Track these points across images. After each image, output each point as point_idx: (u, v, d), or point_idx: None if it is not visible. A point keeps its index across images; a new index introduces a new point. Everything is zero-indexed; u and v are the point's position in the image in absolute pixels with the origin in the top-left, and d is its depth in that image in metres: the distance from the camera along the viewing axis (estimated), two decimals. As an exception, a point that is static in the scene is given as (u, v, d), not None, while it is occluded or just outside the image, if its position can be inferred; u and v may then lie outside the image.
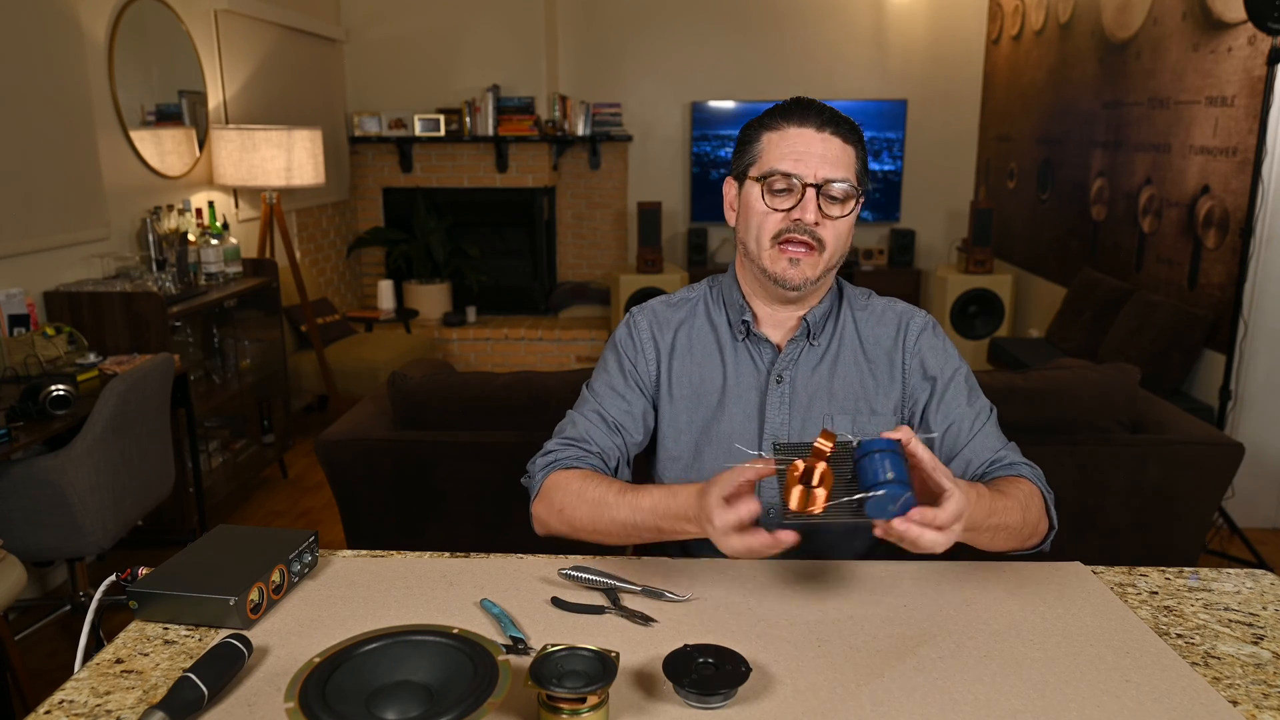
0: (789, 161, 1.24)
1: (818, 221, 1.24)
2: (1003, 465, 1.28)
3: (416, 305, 5.78)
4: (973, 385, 1.35)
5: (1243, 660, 0.99)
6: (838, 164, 1.25)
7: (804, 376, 1.33)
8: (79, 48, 3.16)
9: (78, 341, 2.82)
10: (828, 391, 1.33)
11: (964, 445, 1.30)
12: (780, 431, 1.32)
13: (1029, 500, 1.20)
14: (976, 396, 1.34)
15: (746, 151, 1.30)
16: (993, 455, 1.29)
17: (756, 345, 1.35)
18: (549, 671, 0.85)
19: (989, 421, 1.32)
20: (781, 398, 1.32)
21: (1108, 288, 4.17)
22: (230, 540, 1.16)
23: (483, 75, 5.68)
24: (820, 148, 1.24)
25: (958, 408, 1.31)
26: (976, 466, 1.28)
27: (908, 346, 1.35)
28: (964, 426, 1.30)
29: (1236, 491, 3.11)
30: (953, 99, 6.10)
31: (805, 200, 1.24)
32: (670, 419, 1.37)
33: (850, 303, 1.38)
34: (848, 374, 1.34)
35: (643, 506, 1.17)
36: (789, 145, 1.25)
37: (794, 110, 1.27)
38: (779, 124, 1.27)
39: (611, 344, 1.42)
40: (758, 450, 1.32)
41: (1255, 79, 3.25)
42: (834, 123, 1.26)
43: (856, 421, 1.32)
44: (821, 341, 1.34)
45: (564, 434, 1.35)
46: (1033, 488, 1.24)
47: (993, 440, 1.30)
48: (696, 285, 1.45)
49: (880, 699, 0.91)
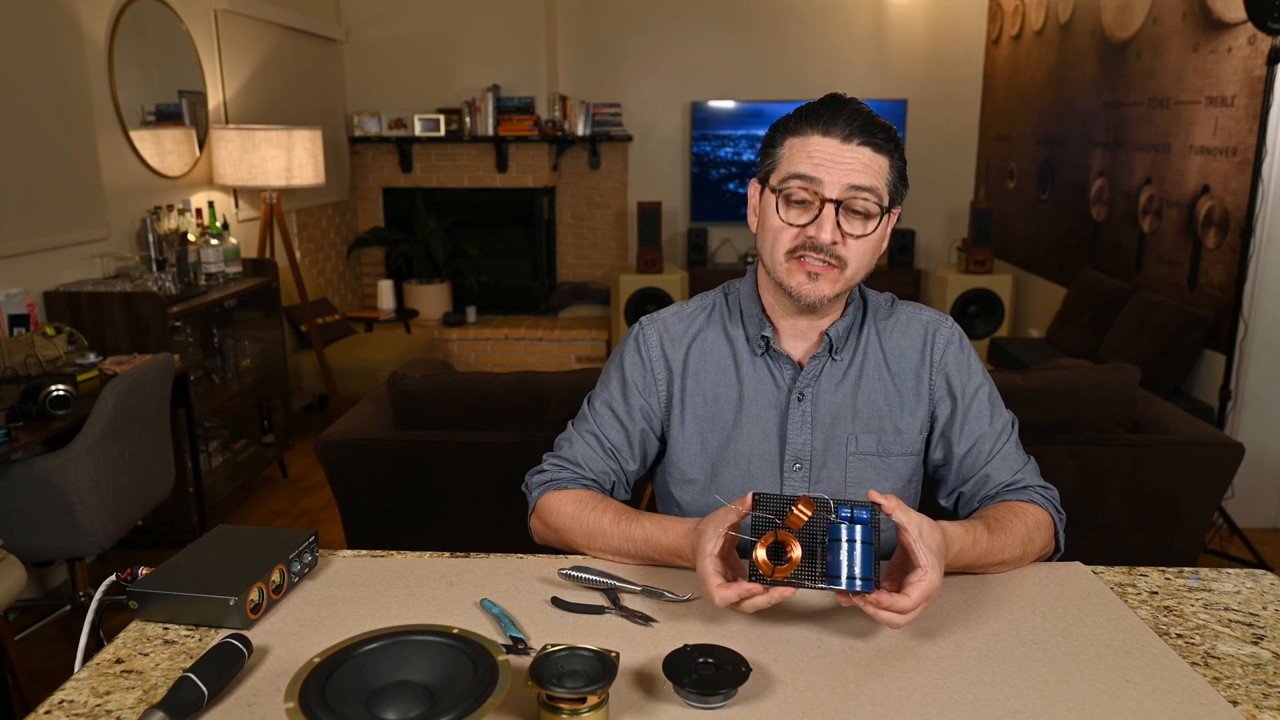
0: (808, 167, 1.15)
1: (835, 241, 1.15)
2: (1018, 489, 1.25)
3: (416, 305, 5.78)
4: (995, 400, 1.30)
5: (1243, 660, 0.99)
6: (865, 174, 1.14)
7: (826, 394, 1.26)
8: (79, 48, 3.16)
9: (78, 341, 2.82)
10: (851, 409, 1.26)
11: (983, 465, 1.27)
12: (803, 452, 1.26)
13: (1034, 533, 1.19)
14: (999, 413, 1.29)
15: (769, 155, 1.21)
16: (1010, 478, 1.26)
17: (776, 361, 1.27)
18: (549, 671, 0.85)
19: (1009, 440, 1.28)
20: (804, 416, 1.26)
21: (1108, 288, 4.17)
22: (230, 540, 1.16)
23: (483, 75, 5.68)
24: (845, 156, 1.14)
25: (980, 427, 1.27)
26: (993, 487, 1.26)
27: (934, 362, 1.29)
28: (984, 448, 1.27)
29: (1236, 491, 3.11)
30: (953, 99, 6.10)
31: (822, 217, 1.14)
32: (682, 442, 1.31)
33: (874, 313, 1.30)
34: (872, 390, 1.27)
35: (635, 538, 1.17)
36: (810, 153, 1.15)
37: (822, 115, 1.16)
38: (804, 129, 1.16)
39: (617, 357, 1.34)
40: (778, 472, 1.28)
41: (1255, 79, 3.25)
42: (865, 132, 1.14)
43: (881, 440, 1.27)
44: (844, 356, 1.27)
45: (560, 453, 1.32)
46: (1042, 516, 1.21)
47: (1012, 461, 1.27)
48: (709, 294, 1.36)
49: (880, 699, 0.91)
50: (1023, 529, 1.17)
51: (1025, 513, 1.20)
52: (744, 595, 0.98)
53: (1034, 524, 1.19)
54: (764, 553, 0.98)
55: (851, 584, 0.96)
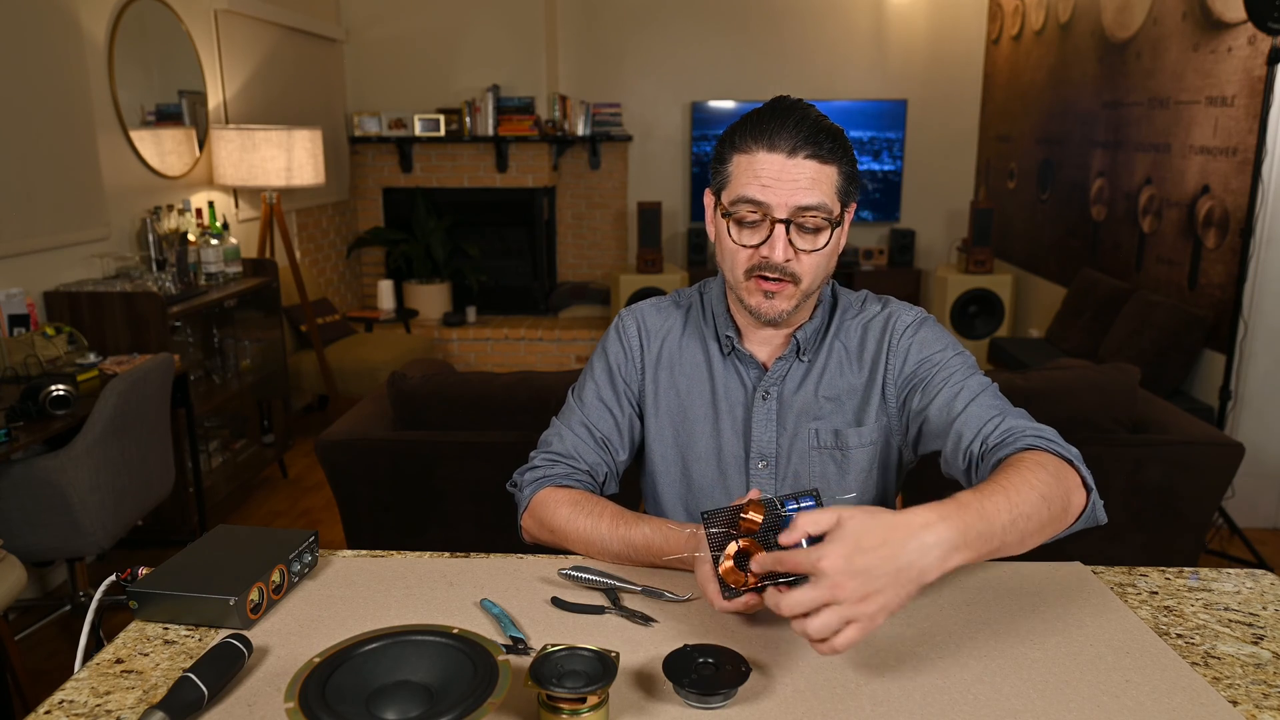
0: (755, 189, 1.14)
1: (789, 259, 1.16)
2: (1002, 434, 1.12)
3: (416, 305, 5.78)
4: (968, 366, 1.23)
5: (1243, 660, 0.99)
6: (812, 189, 1.14)
7: (791, 391, 1.29)
8: (79, 48, 3.15)
9: (78, 341, 2.82)
10: (814, 406, 1.28)
11: (955, 418, 1.17)
12: (768, 449, 1.29)
13: (1035, 472, 1.00)
14: (971, 374, 1.21)
15: (719, 170, 1.21)
16: (985, 420, 1.14)
17: (743, 361, 1.30)
18: (549, 671, 0.85)
19: (985, 392, 1.19)
20: (768, 414, 1.29)
21: (1108, 288, 4.17)
22: (230, 540, 1.16)
23: (483, 75, 5.68)
24: (792, 173, 1.13)
25: (944, 383, 1.20)
26: (970, 439, 1.14)
27: (891, 346, 1.27)
28: (954, 403, 1.18)
29: (1236, 491, 3.11)
30: (953, 99, 6.10)
31: (774, 238, 1.15)
32: (656, 433, 1.34)
33: (843, 312, 1.31)
34: (834, 387, 1.28)
35: (634, 544, 1.17)
36: (756, 173, 1.15)
37: (765, 128, 1.15)
38: (749, 145, 1.16)
39: (600, 348, 1.38)
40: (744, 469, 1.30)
41: (1255, 79, 3.25)
42: (811, 143, 1.13)
43: (840, 435, 1.27)
44: (809, 356, 1.29)
45: (550, 448, 1.32)
46: (1042, 455, 1.05)
47: (987, 409, 1.16)
48: (687, 291, 1.39)
49: (880, 699, 0.91)
50: (1024, 473, 0.99)
51: (1020, 460, 1.03)
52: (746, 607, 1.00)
53: (1032, 464, 1.01)
54: (731, 564, 0.99)
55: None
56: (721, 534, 1.01)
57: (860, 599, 0.84)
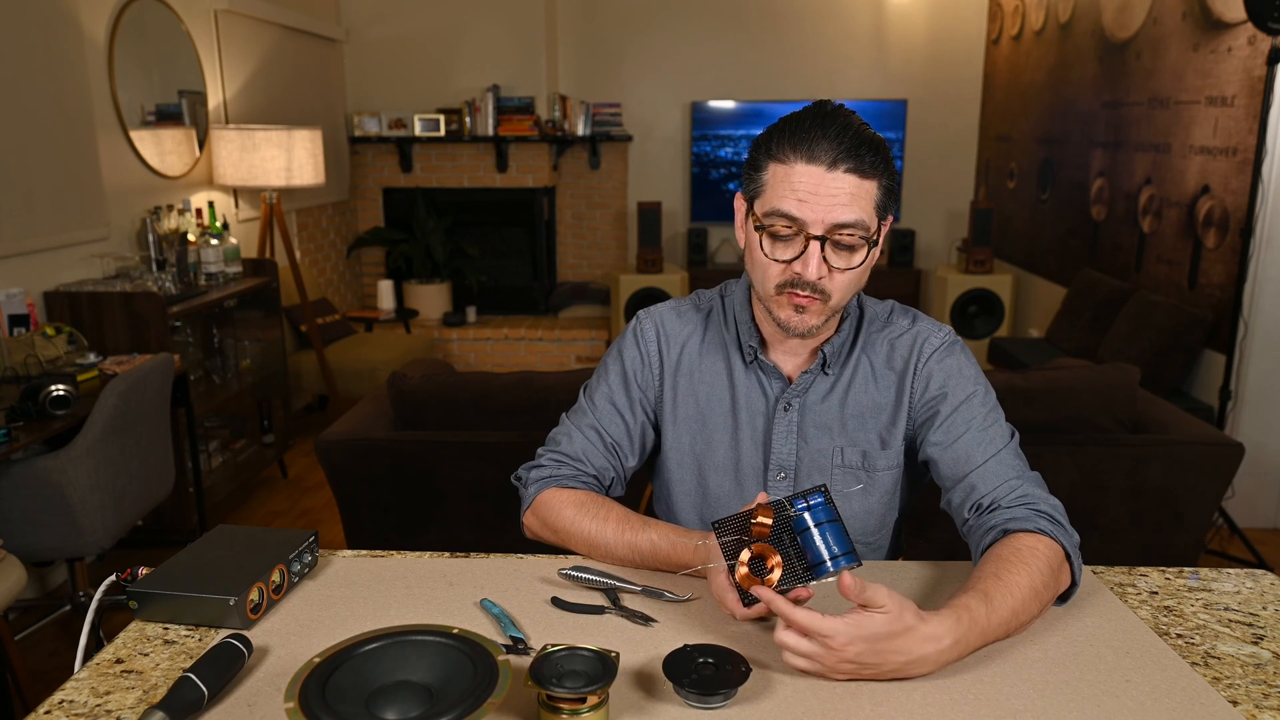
0: (791, 203, 1.10)
1: (821, 276, 1.12)
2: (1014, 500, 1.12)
3: (416, 305, 5.78)
4: (991, 409, 1.21)
5: (1243, 660, 0.99)
6: (851, 205, 1.09)
7: (814, 405, 1.25)
8: (79, 48, 3.15)
9: (78, 341, 2.82)
10: (839, 422, 1.24)
11: (971, 470, 1.16)
12: (787, 461, 1.25)
13: (1040, 576, 1.02)
14: (994, 421, 1.20)
15: (754, 177, 1.15)
16: (1003, 480, 1.14)
17: (765, 372, 1.26)
18: (549, 671, 0.85)
19: (1005, 448, 1.18)
20: (789, 426, 1.25)
21: (1108, 288, 4.17)
22: (230, 540, 1.16)
23: (483, 75, 5.68)
24: (830, 187, 1.09)
25: (964, 428, 1.18)
26: (983, 494, 1.14)
27: (918, 368, 1.24)
28: (971, 453, 1.17)
29: (1236, 491, 3.11)
30: (953, 99, 6.10)
31: (808, 254, 1.10)
32: (673, 440, 1.31)
33: (869, 325, 1.27)
34: (859, 404, 1.24)
35: (640, 549, 1.17)
36: (793, 185, 1.10)
37: (805, 137, 1.09)
38: (787, 154, 1.10)
39: (616, 350, 1.34)
40: (762, 480, 1.27)
41: (1255, 79, 3.25)
42: (852, 155, 1.08)
43: (867, 455, 1.24)
44: (835, 370, 1.25)
45: (559, 448, 1.30)
46: (1049, 548, 1.06)
47: (1006, 469, 1.15)
48: (708, 293, 1.34)
49: (880, 699, 0.91)
50: (1029, 574, 1.02)
51: (1027, 556, 1.04)
52: (764, 613, 1.01)
53: (1041, 565, 1.03)
54: (746, 570, 1.00)
55: (836, 564, 0.97)
56: (734, 541, 1.01)
57: (844, 671, 0.93)
